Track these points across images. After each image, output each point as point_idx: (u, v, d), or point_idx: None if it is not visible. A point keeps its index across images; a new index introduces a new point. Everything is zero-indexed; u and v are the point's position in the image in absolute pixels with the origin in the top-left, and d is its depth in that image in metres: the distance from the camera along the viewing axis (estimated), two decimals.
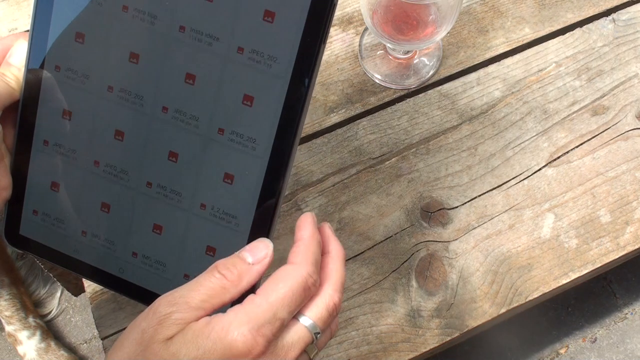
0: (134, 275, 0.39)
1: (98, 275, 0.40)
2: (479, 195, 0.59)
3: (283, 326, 0.32)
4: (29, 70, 0.38)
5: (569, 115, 0.62)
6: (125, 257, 0.39)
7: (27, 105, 0.39)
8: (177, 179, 0.38)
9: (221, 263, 0.34)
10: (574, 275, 0.56)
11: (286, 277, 0.33)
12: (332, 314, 0.34)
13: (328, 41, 0.65)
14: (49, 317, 1.10)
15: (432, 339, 0.54)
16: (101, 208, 0.39)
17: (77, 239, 0.40)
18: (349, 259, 0.56)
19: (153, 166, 0.38)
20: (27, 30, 0.38)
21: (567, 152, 0.61)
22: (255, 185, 0.36)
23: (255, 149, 0.36)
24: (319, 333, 0.34)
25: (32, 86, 0.38)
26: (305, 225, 0.35)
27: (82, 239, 0.40)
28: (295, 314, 0.33)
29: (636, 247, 0.57)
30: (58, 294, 1.11)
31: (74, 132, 0.39)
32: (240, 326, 0.31)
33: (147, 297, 0.38)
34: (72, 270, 0.40)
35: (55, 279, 0.94)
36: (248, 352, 0.31)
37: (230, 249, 0.36)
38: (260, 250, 0.34)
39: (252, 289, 0.33)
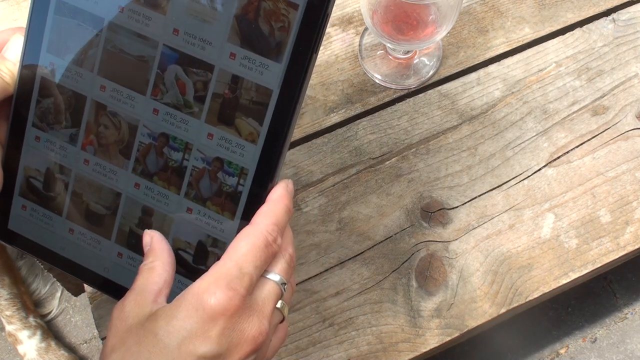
0: (118, 275, 0.40)
1: (83, 273, 0.40)
2: (479, 195, 0.59)
3: (253, 282, 0.34)
4: (24, 66, 0.38)
5: (569, 115, 0.62)
6: (111, 257, 0.39)
7: (20, 100, 0.39)
8: (164, 182, 0.38)
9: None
10: (574, 275, 0.56)
11: (246, 236, 0.35)
12: (291, 266, 0.37)
13: (328, 41, 0.65)
14: (49, 317, 1.10)
15: (432, 339, 0.54)
16: (89, 207, 0.39)
17: (64, 236, 0.40)
18: (349, 259, 0.56)
19: (141, 170, 0.38)
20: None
21: (567, 152, 0.61)
22: (242, 193, 0.37)
23: (243, 156, 0.36)
24: (285, 284, 0.36)
25: (27, 81, 0.38)
26: (276, 190, 0.36)
27: (69, 236, 0.40)
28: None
29: (636, 247, 0.57)
30: (58, 294, 1.11)
31: (66, 129, 0.39)
32: (209, 286, 0.33)
33: None
34: (57, 267, 0.41)
35: (55, 279, 0.94)
36: (224, 309, 0.32)
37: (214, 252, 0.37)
38: (145, 239, 0.37)
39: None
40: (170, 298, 0.34)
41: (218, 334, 0.32)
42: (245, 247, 0.34)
